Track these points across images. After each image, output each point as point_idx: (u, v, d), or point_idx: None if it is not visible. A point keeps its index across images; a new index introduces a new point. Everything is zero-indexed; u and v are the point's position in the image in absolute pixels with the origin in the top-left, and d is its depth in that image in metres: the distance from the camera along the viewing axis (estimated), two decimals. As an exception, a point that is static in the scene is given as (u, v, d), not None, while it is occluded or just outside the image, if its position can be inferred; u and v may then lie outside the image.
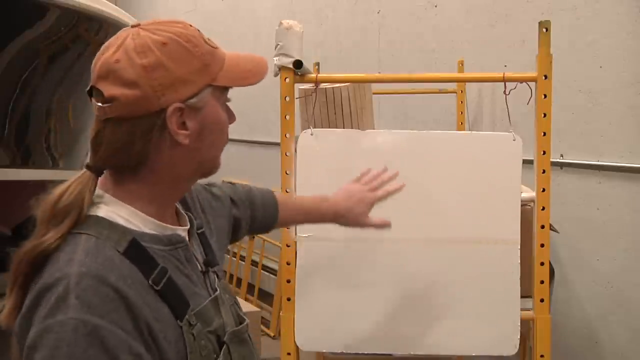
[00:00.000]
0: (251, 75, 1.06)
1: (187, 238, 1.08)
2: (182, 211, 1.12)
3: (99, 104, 0.96)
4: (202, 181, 1.15)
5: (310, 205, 1.57)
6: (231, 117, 1.07)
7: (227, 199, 1.35)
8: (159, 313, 0.94)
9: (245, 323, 1.13)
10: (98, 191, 0.99)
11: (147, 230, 1.00)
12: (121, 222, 0.98)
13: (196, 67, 0.98)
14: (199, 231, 1.15)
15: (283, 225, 1.59)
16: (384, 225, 1.57)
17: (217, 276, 1.14)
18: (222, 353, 1.03)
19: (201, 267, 1.09)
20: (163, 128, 0.97)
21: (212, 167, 1.07)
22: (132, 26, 1.00)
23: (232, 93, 1.06)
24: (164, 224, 1.03)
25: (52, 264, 0.91)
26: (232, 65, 1.03)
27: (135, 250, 0.95)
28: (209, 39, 1.03)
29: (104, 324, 0.86)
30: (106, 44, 0.99)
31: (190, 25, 1.02)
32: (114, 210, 0.98)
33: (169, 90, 0.96)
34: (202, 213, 1.22)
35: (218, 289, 1.10)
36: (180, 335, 0.96)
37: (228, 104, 1.07)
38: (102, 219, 0.97)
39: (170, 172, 1.01)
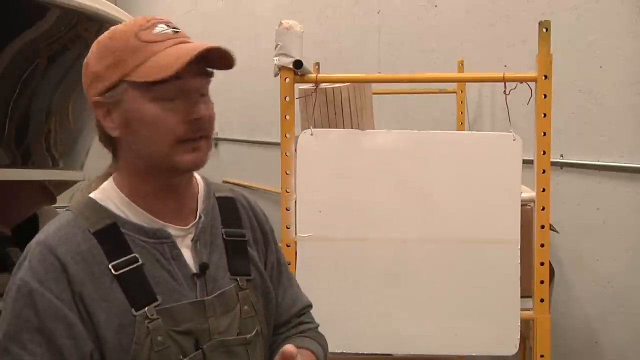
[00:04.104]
0: (160, 70, 0.97)
1: (174, 236, 1.07)
2: (202, 214, 1.12)
3: None
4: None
5: None
6: (189, 112, 1.00)
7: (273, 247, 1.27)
8: (109, 295, 0.99)
9: (245, 336, 1.10)
10: (110, 179, 1.08)
11: (134, 220, 1.04)
12: (112, 207, 1.05)
13: (109, 62, 1.01)
14: (232, 238, 1.15)
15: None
16: None
17: (240, 286, 1.12)
18: (191, 356, 1.02)
19: (195, 270, 1.08)
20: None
21: (164, 162, 1.02)
22: None
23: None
24: (154, 218, 1.06)
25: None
26: (156, 60, 0.98)
27: (109, 234, 1.01)
28: (151, 33, 1.00)
29: (40, 289, 0.95)
30: None
31: (146, 21, 1.02)
32: (110, 197, 1.06)
33: (91, 86, 1.04)
34: (260, 232, 1.22)
35: (213, 295, 1.07)
36: (131, 324, 0.98)
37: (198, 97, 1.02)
38: (94, 201, 1.06)
39: (130, 164, 1.05)
